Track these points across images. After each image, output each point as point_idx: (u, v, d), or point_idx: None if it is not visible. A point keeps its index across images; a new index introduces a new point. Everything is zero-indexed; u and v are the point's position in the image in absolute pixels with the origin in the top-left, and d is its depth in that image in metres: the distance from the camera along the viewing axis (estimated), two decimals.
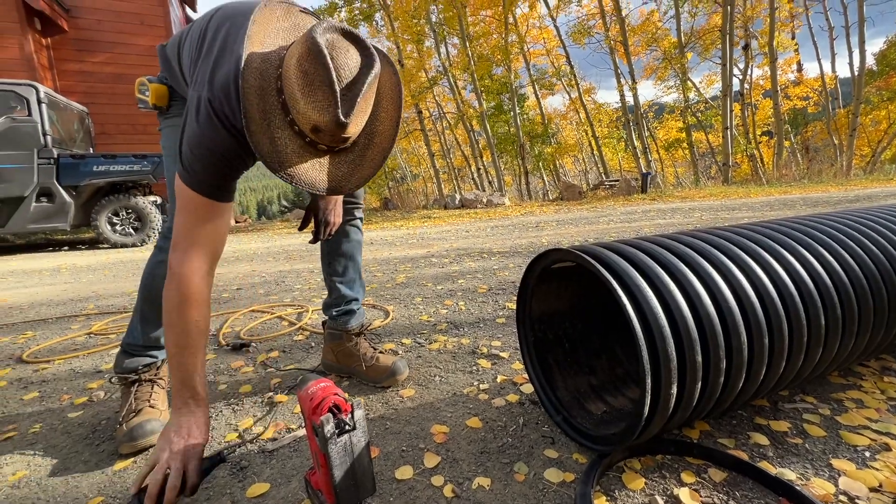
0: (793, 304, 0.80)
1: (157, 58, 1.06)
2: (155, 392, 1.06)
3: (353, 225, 1.25)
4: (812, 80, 17.92)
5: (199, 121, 0.80)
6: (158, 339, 1.07)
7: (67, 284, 3.12)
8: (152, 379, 1.08)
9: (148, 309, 1.05)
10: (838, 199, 6.06)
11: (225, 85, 0.79)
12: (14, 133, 4.69)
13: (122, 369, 1.06)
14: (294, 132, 0.76)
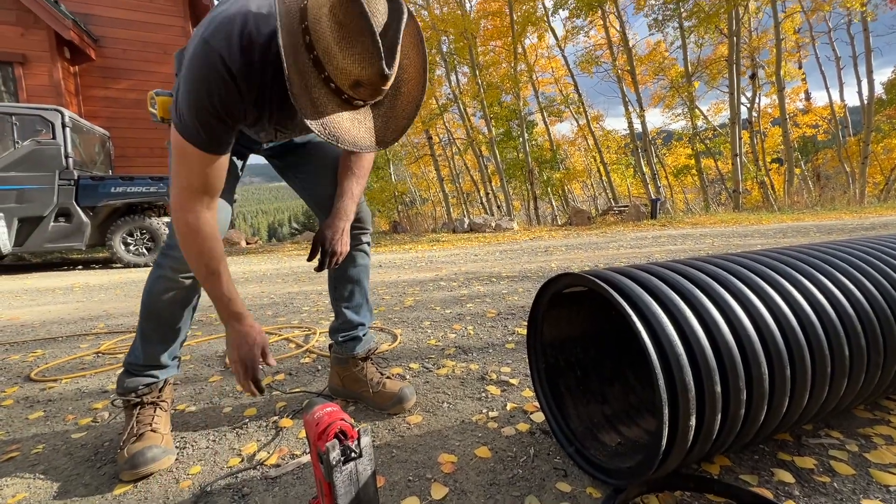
0: (814, 334, 0.77)
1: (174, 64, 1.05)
2: (157, 415, 1.04)
3: (361, 250, 1.24)
4: (821, 108, 17.98)
5: (195, 64, 0.76)
6: (158, 357, 1.05)
7: (79, 303, 3.15)
8: (154, 401, 1.05)
9: (147, 326, 1.04)
10: (853, 227, 5.97)
11: (227, 26, 0.75)
12: (38, 155, 4.86)
13: (124, 389, 1.04)
14: (330, 90, 0.72)
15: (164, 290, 1.01)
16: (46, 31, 6.74)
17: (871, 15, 13.64)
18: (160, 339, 1.05)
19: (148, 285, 1.03)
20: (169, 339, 1.06)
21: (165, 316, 1.03)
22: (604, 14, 14.69)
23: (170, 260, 1.00)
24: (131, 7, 7.96)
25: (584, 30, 15.74)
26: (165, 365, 1.07)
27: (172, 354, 1.08)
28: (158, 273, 1.02)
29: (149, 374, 1.05)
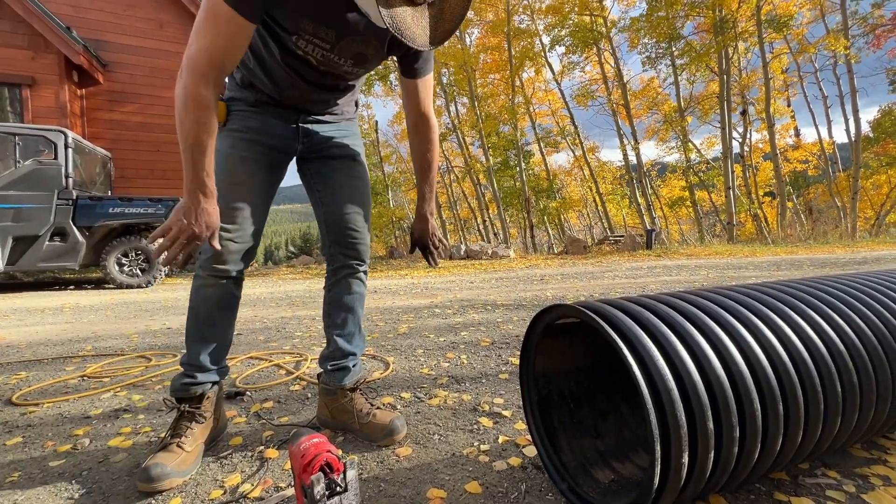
0: (806, 370, 0.77)
1: None
2: (192, 428, 1.07)
3: (357, 277, 1.25)
4: (810, 144, 18.48)
5: None
6: (198, 356, 1.11)
7: (68, 324, 3.11)
8: (193, 412, 1.09)
9: (189, 323, 1.13)
10: (846, 261, 6.03)
11: None
12: (38, 175, 4.89)
13: (173, 388, 1.12)
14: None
15: (198, 287, 1.11)
16: (57, 56, 6.91)
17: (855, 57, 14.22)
18: (200, 337, 1.12)
19: (192, 291, 1.13)
20: (207, 340, 1.12)
21: (202, 315, 1.12)
22: (599, 51, 15.24)
23: (200, 262, 1.10)
24: (143, 35, 8.20)
25: (580, 65, 16.31)
26: (205, 367, 1.12)
27: (214, 359, 1.13)
28: (196, 274, 1.12)
29: (190, 375, 1.11)
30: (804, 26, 15.21)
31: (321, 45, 1.00)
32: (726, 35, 11.65)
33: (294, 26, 0.96)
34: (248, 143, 1.11)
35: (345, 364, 1.25)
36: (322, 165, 1.22)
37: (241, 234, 1.10)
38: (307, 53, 1.02)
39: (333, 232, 1.21)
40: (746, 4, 11.44)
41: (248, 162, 1.11)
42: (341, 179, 1.22)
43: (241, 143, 1.10)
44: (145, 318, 3.26)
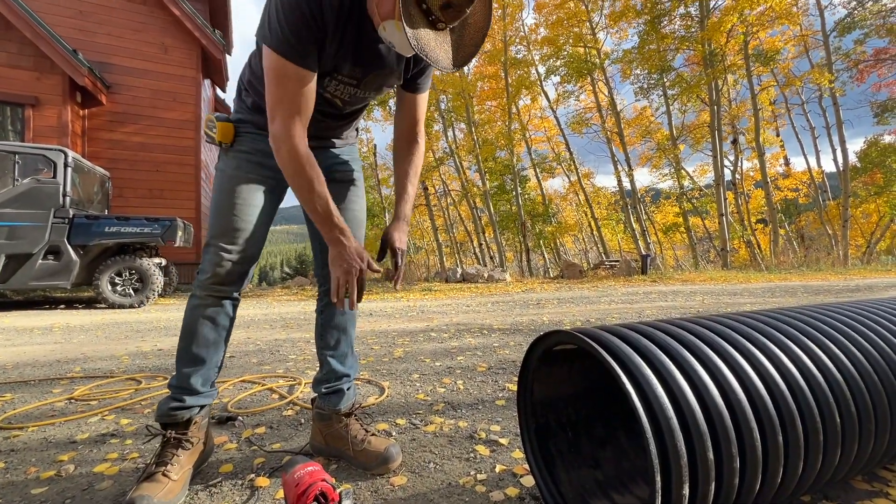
0: (804, 400, 0.77)
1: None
2: (177, 455, 1.04)
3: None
4: (800, 173, 18.87)
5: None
6: (188, 378, 1.09)
7: (57, 344, 3.05)
8: (179, 438, 1.06)
9: (181, 345, 1.11)
10: (840, 289, 6.07)
11: None
12: (36, 193, 4.89)
13: (159, 412, 1.09)
14: (421, 10, 0.82)
15: (194, 307, 1.11)
16: (61, 77, 7.02)
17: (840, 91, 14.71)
18: (191, 359, 1.10)
19: (187, 311, 1.12)
20: (198, 361, 1.10)
21: (196, 336, 1.10)
22: (593, 81, 15.68)
23: (198, 283, 1.10)
24: (148, 58, 8.36)
25: (575, 94, 16.74)
26: (195, 390, 1.09)
27: (204, 381, 1.11)
28: (195, 303, 1.11)
29: (178, 398, 1.08)
30: (789, 60, 15.79)
31: (350, 84, 1.07)
32: (716, 68, 12.05)
33: (333, 69, 1.03)
34: (255, 165, 1.13)
35: (339, 387, 1.23)
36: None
37: (242, 256, 1.11)
38: (334, 95, 1.09)
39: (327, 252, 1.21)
40: (734, 39, 11.88)
41: (252, 184, 1.12)
42: (341, 203, 1.22)
43: (247, 164, 1.13)
44: (136, 339, 3.21)
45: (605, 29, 14.98)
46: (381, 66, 1.06)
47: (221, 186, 1.12)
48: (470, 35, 0.91)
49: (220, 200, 1.11)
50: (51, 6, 7.72)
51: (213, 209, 1.12)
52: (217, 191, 1.13)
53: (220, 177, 1.13)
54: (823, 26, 14.81)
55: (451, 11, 0.84)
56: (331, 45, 0.97)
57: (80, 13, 7.95)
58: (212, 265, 1.08)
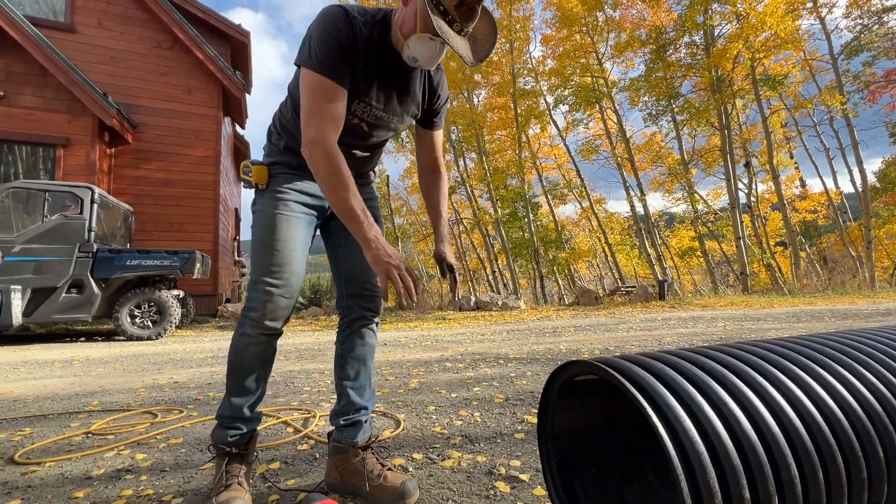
0: (843, 433, 0.73)
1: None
2: (243, 468, 1.15)
3: (370, 329, 1.29)
4: (817, 194, 18.55)
5: (322, 16, 1.05)
6: (241, 409, 1.15)
7: (76, 377, 3.08)
8: (241, 454, 1.16)
9: (231, 381, 1.16)
10: (868, 313, 5.84)
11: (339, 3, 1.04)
12: (63, 229, 5.07)
13: (216, 440, 1.16)
14: (440, 12, 0.97)
15: (245, 345, 1.15)
16: (91, 119, 7.40)
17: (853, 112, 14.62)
18: (242, 392, 1.16)
19: (232, 345, 1.17)
20: (250, 393, 1.17)
21: (246, 370, 1.15)
22: (601, 108, 15.90)
23: (249, 321, 1.14)
24: (173, 99, 8.79)
25: (584, 122, 16.95)
26: (248, 418, 1.17)
27: (253, 408, 1.18)
28: (240, 332, 1.16)
29: (235, 427, 1.16)
30: (797, 84, 15.82)
31: (376, 107, 1.17)
32: (724, 93, 12.13)
33: (362, 92, 1.12)
34: (290, 202, 1.19)
35: (357, 419, 1.24)
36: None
37: (289, 290, 1.15)
38: (361, 119, 1.17)
39: (352, 286, 1.28)
40: (741, 65, 12.00)
41: (291, 222, 1.18)
42: None
43: (284, 204, 1.18)
44: (153, 372, 3.23)
45: (612, 59, 15.30)
46: (405, 90, 1.19)
47: (262, 225, 1.17)
48: (482, 42, 1.08)
49: (263, 239, 1.16)
50: (86, 54, 8.24)
51: (256, 248, 1.17)
52: (258, 230, 1.18)
53: (260, 217, 1.19)
54: (831, 50, 14.90)
55: (465, 10, 0.99)
56: (361, 70, 1.08)
57: (111, 59, 8.45)
58: (262, 302, 1.12)
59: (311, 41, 1.04)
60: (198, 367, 3.39)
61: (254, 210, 1.22)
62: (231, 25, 10.26)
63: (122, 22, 8.60)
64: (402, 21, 1.06)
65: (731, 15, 11.99)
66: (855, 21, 14.96)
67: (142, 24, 8.69)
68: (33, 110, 7.19)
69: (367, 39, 1.06)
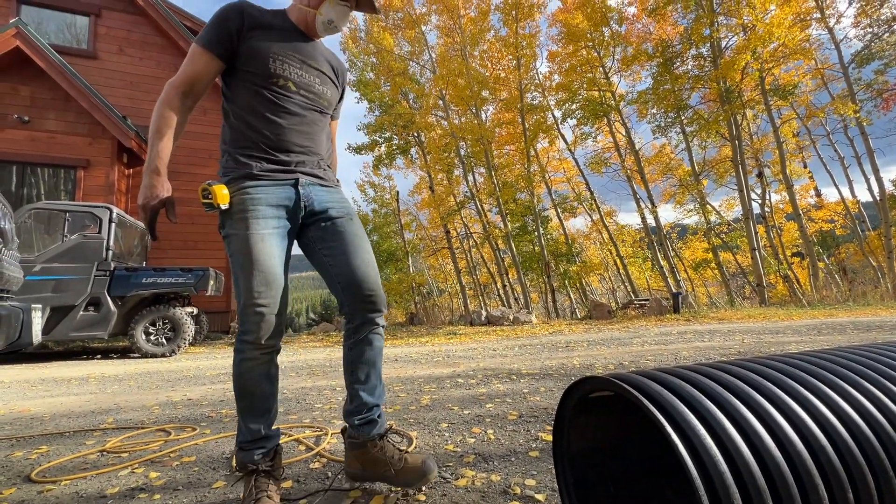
0: (872, 451, 0.70)
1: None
2: (271, 483, 1.16)
3: (377, 333, 1.31)
4: (833, 203, 18.22)
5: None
6: (260, 431, 1.19)
7: (92, 395, 3.12)
8: (268, 470, 1.18)
9: (243, 405, 1.19)
10: (893, 325, 5.67)
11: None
12: (82, 248, 5.19)
13: (241, 464, 1.19)
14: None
15: (249, 369, 1.18)
16: (111, 141, 7.64)
17: (867, 120, 14.43)
18: (256, 414, 1.19)
19: (235, 371, 1.19)
20: (263, 412, 1.20)
21: (256, 392, 1.19)
22: (609, 122, 15.93)
23: (246, 344, 1.16)
24: (189, 120, 9.05)
25: (592, 135, 16.99)
26: (268, 436, 1.21)
27: (270, 426, 1.22)
28: (240, 357, 1.18)
29: (258, 448, 1.19)
30: (808, 94, 15.70)
31: (293, 64, 1.25)
32: (733, 104, 12.08)
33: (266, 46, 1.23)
34: (261, 220, 1.19)
35: (371, 416, 1.30)
36: (324, 227, 1.30)
37: (276, 307, 1.17)
38: (286, 79, 1.24)
39: (350, 290, 1.27)
40: (750, 76, 11.97)
41: (265, 239, 1.18)
42: (347, 237, 1.30)
43: (255, 223, 1.18)
44: (167, 389, 3.25)
45: (619, 72, 15.39)
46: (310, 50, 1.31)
47: (238, 249, 1.17)
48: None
49: (242, 263, 1.16)
50: (107, 79, 8.56)
51: (239, 273, 1.17)
52: (236, 255, 1.18)
53: (233, 241, 1.19)
54: (841, 59, 14.80)
55: None
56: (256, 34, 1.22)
57: (131, 84, 8.75)
58: (256, 325, 1.14)
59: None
60: (210, 384, 3.41)
61: (224, 235, 1.22)
62: None
63: (142, 48, 8.93)
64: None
65: (738, 27, 12.02)
66: (864, 30, 14.89)
67: (160, 49, 9.02)
68: (56, 134, 7.45)
69: (258, 10, 1.25)
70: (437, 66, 14.84)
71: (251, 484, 1.15)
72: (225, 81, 1.28)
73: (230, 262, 1.21)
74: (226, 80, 1.27)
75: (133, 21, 8.91)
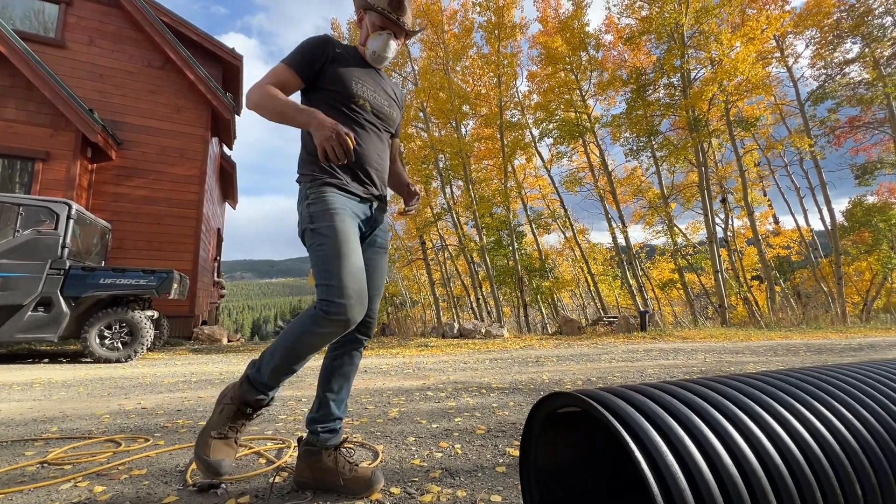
0: (821, 469, 0.73)
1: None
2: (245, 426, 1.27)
3: (359, 351, 1.47)
4: (790, 231, 19.25)
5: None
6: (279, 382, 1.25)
7: (36, 401, 2.92)
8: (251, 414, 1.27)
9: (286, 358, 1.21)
10: (842, 347, 5.99)
11: None
12: (35, 244, 4.90)
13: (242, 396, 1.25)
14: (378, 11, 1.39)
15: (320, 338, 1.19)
16: (75, 134, 7.29)
17: (820, 154, 15.41)
18: (289, 371, 1.24)
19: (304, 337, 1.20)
20: (292, 372, 1.25)
21: (304, 357, 1.23)
22: (584, 142, 16.41)
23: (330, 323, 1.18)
24: (161, 118, 8.76)
25: (568, 155, 17.43)
26: (275, 389, 1.27)
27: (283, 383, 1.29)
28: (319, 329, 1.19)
29: (265, 393, 1.25)
30: (768, 127, 16.67)
31: (369, 88, 1.41)
32: (700, 132, 12.67)
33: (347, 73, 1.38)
34: (350, 220, 1.30)
35: (334, 426, 1.39)
36: (368, 251, 1.43)
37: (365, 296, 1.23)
38: (365, 98, 1.39)
39: None
40: (716, 107, 12.61)
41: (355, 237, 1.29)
42: (377, 265, 1.45)
43: (350, 220, 1.30)
44: (119, 396, 3.07)
45: (595, 96, 15.92)
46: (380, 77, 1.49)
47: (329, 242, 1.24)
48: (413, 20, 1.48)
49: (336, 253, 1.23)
50: (74, 70, 8.21)
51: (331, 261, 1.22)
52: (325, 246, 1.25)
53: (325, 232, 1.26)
54: (798, 96, 15.83)
55: (395, 3, 1.36)
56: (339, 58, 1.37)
57: (100, 76, 8.43)
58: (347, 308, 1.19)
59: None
60: (168, 392, 3.25)
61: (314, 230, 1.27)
62: (225, 49, 10.39)
63: (115, 40, 8.63)
64: (363, 38, 1.44)
65: (707, 60, 12.69)
66: (819, 71, 15.99)
67: (134, 43, 8.74)
68: (14, 123, 7.07)
69: (339, 44, 1.39)
70: (420, 78, 14.98)
71: (229, 417, 1.22)
72: (307, 98, 1.41)
73: (314, 253, 1.25)
74: (308, 97, 1.41)
75: (106, 12, 8.61)
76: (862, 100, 15.18)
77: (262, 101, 1.26)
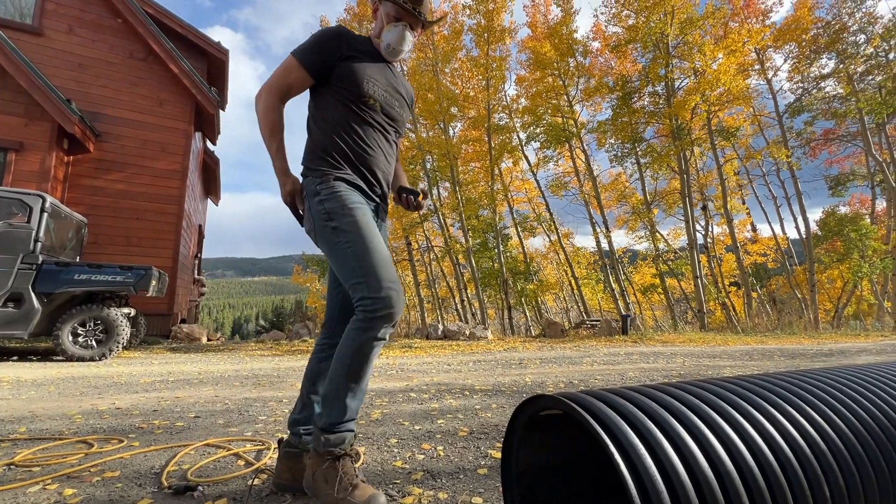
0: (792, 472, 0.76)
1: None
2: (356, 467, 1.20)
3: None
4: (767, 239, 19.80)
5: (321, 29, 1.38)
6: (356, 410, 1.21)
7: (3, 401, 2.81)
8: (351, 455, 1.20)
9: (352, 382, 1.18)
10: (814, 353, 6.18)
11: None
12: (6, 238, 4.73)
13: (333, 445, 1.18)
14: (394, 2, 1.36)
15: (374, 347, 1.18)
16: (50, 124, 7.07)
17: (797, 165, 15.88)
18: (358, 393, 1.20)
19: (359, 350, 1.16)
20: (362, 392, 1.22)
21: (369, 371, 1.20)
22: (570, 147, 16.60)
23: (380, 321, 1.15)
24: (143, 110, 8.55)
25: (554, 159, 17.60)
26: (355, 417, 1.23)
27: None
28: (371, 335, 1.16)
29: (349, 429, 1.21)
30: (747, 137, 17.14)
31: (379, 85, 1.37)
32: (683, 140, 12.95)
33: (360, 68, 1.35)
34: (368, 214, 1.30)
35: None
36: None
37: (401, 287, 1.23)
38: (375, 98, 1.36)
39: (346, 313, 1.35)
40: (698, 116, 12.90)
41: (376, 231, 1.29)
42: None
43: (369, 213, 1.31)
44: (92, 396, 2.99)
45: (581, 102, 16.12)
46: (392, 73, 1.45)
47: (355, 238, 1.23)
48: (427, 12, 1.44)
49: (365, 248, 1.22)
50: (51, 59, 7.96)
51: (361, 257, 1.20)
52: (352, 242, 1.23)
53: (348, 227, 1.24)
54: (777, 108, 16.30)
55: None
56: (353, 51, 1.34)
57: (79, 66, 8.19)
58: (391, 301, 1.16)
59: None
60: (144, 391, 3.17)
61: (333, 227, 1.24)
62: (210, 42, 10.21)
63: (95, 30, 8.40)
64: (377, 30, 1.40)
65: (690, 70, 12.97)
66: (797, 84, 16.51)
67: (116, 33, 8.52)
68: None
69: (354, 37, 1.37)
70: (408, 78, 14.94)
71: (340, 471, 1.15)
72: (317, 92, 1.38)
73: (340, 251, 1.21)
74: (318, 91, 1.38)
75: (87, 0, 8.38)
76: (836, 114, 15.73)
77: (264, 118, 1.30)
